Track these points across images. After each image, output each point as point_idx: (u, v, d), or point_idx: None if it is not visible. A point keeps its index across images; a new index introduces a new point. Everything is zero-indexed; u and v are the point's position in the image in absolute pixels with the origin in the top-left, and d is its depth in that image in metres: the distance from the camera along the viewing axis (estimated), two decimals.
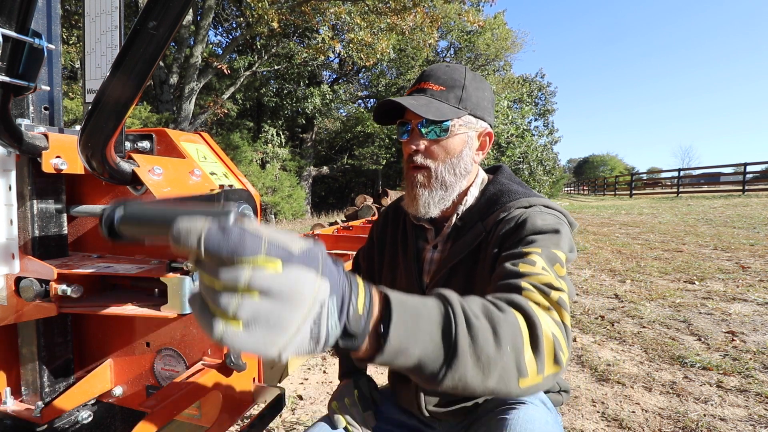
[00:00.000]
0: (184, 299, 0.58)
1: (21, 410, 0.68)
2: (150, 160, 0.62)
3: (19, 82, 0.55)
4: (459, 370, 0.53)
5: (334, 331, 0.44)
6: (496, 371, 0.55)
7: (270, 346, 0.39)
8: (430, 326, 0.53)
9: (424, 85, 0.95)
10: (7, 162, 0.63)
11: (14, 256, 0.63)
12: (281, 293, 0.38)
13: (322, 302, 0.42)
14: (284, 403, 0.76)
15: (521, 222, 0.86)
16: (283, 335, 0.39)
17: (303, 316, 0.40)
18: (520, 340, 0.59)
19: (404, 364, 0.51)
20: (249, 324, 0.37)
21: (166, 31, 0.44)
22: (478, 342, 0.54)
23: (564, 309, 0.67)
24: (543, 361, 0.60)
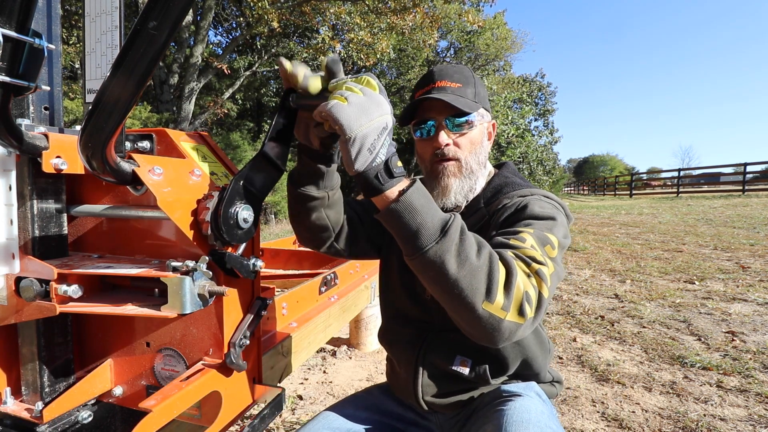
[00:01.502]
0: (184, 299, 0.58)
1: (21, 410, 0.68)
2: (150, 160, 0.62)
3: (20, 82, 0.55)
4: (442, 248, 0.66)
5: (382, 156, 0.66)
6: (469, 272, 0.67)
7: (356, 122, 0.62)
8: (435, 211, 0.69)
9: (441, 84, 0.99)
10: (7, 162, 0.63)
11: (14, 256, 0.63)
12: (374, 98, 0.65)
13: (387, 123, 0.66)
14: (284, 403, 0.76)
15: (521, 207, 0.91)
16: (366, 119, 0.63)
17: (378, 116, 0.65)
18: (496, 271, 0.68)
19: (408, 222, 0.67)
20: (352, 103, 0.62)
21: (167, 32, 0.44)
22: (464, 243, 0.68)
23: (543, 280, 0.73)
24: (510, 303, 0.68)
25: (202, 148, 0.76)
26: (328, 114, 0.63)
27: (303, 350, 1.45)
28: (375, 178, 0.66)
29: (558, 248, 0.83)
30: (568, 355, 2.70)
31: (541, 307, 0.72)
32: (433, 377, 1.00)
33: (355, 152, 0.64)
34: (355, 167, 0.65)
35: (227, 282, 0.68)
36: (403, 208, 0.67)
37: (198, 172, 0.69)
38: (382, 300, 1.16)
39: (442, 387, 1.00)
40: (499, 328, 0.68)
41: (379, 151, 0.65)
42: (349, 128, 0.62)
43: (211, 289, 0.62)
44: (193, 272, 0.60)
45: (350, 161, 0.65)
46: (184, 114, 11.87)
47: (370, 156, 0.65)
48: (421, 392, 1.00)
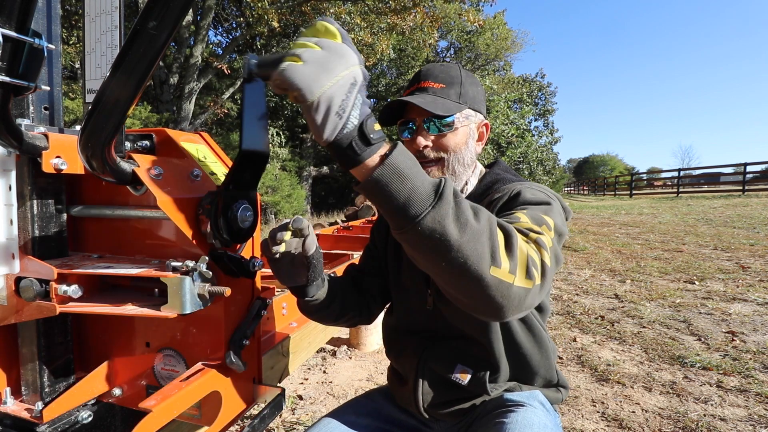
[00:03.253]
0: (184, 299, 0.58)
1: (21, 410, 0.68)
2: (150, 160, 0.62)
3: (20, 82, 0.55)
4: (440, 212, 0.58)
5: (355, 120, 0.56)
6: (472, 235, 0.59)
7: (316, 83, 0.52)
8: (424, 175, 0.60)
9: (424, 84, 0.99)
10: (7, 162, 0.63)
11: (14, 256, 0.63)
12: (335, 49, 0.54)
13: (356, 78, 0.56)
14: (284, 403, 0.76)
15: (514, 195, 0.90)
16: (327, 78, 0.53)
17: (344, 71, 0.54)
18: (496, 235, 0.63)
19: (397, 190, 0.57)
20: (307, 61, 0.52)
21: (167, 32, 0.44)
22: (460, 206, 0.60)
23: (543, 247, 0.69)
24: (516, 265, 0.62)
25: (202, 147, 0.76)
26: (281, 80, 0.53)
27: (303, 350, 1.45)
28: (349, 147, 0.56)
29: (554, 231, 0.78)
30: (568, 355, 2.70)
31: (546, 273, 0.67)
32: (433, 385, 0.99)
33: (321, 118, 0.54)
34: (324, 136, 0.55)
35: (227, 282, 0.68)
36: (387, 175, 0.57)
37: (197, 172, 0.69)
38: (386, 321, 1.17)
39: (443, 395, 0.99)
40: (509, 294, 0.62)
41: (350, 114, 0.55)
42: (309, 91, 0.52)
43: (211, 289, 0.62)
44: (193, 272, 0.60)
45: (317, 130, 0.55)
46: (184, 114, 11.87)
47: (340, 121, 0.55)
48: (421, 401, 0.99)
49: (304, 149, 19.24)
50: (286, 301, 1.47)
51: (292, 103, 0.62)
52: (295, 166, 17.36)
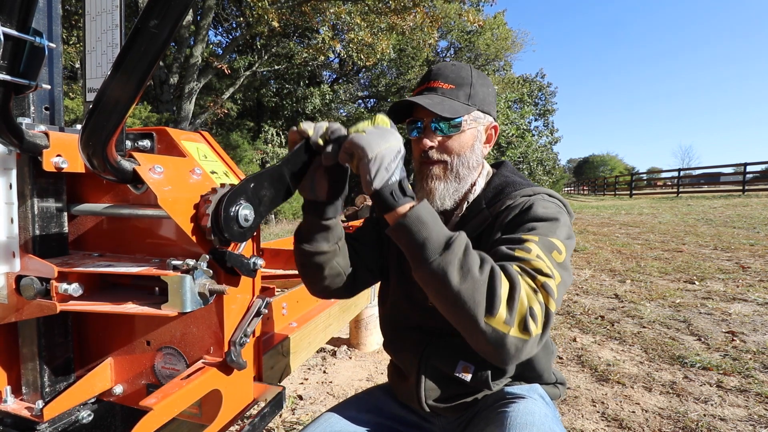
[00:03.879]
0: (184, 297, 0.59)
1: (21, 409, 0.68)
2: (151, 159, 0.62)
3: (21, 81, 0.55)
4: (446, 260, 0.71)
5: (397, 176, 0.74)
6: (472, 285, 0.70)
7: (374, 145, 0.71)
8: (441, 228, 0.75)
9: (434, 84, 0.98)
10: (7, 160, 0.63)
11: (15, 255, 0.63)
12: (387, 129, 0.75)
13: (400, 149, 0.75)
14: (285, 401, 0.76)
15: (525, 208, 0.90)
16: (382, 143, 0.72)
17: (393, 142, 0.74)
18: (499, 285, 0.70)
19: (417, 235, 0.73)
20: (368, 133, 0.73)
21: (168, 30, 0.44)
22: (467, 258, 0.72)
23: (549, 294, 0.74)
24: (513, 318, 0.70)
25: (203, 146, 0.76)
26: (350, 142, 0.72)
27: (303, 350, 1.45)
28: (390, 194, 0.73)
29: (565, 252, 0.83)
30: (568, 355, 2.70)
31: (548, 323, 0.73)
32: (436, 381, 0.99)
33: (375, 170, 0.71)
34: (373, 185, 0.72)
35: (227, 281, 0.68)
36: (411, 221, 0.73)
37: (198, 171, 0.69)
38: (383, 315, 1.16)
39: (445, 391, 0.99)
40: (504, 343, 0.69)
41: (394, 171, 0.74)
42: (370, 149, 0.71)
43: (211, 288, 0.62)
44: (193, 271, 0.60)
45: (370, 180, 0.72)
46: (184, 114, 11.87)
47: (387, 174, 0.72)
48: (423, 396, 0.99)
49: None
50: (286, 301, 1.47)
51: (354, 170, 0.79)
52: None
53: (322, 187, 0.86)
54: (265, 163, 15.67)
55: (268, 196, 0.71)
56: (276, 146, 16.44)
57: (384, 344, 1.16)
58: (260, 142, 16.03)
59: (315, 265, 0.96)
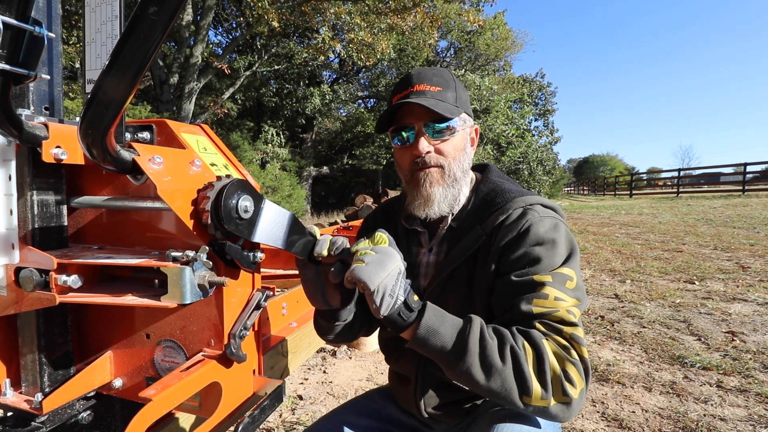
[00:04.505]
0: (184, 289, 0.58)
1: (21, 401, 0.68)
2: (150, 150, 0.62)
3: (20, 71, 0.54)
4: (466, 363, 0.73)
5: (402, 298, 0.75)
6: (499, 378, 0.72)
7: (375, 276, 0.71)
8: (452, 328, 0.76)
9: (419, 87, 0.94)
10: (7, 152, 0.62)
11: (14, 246, 0.63)
12: (386, 252, 0.75)
13: (400, 269, 0.75)
14: (284, 394, 0.76)
15: (523, 232, 0.87)
16: (382, 272, 0.72)
17: (393, 268, 0.74)
18: (525, 365, 0.72)
19: (433, 346, 0.75)
20: (368, 263, 0.72)
21: (167, 17, 0.44)
22: (486, 351, 0.73)
23: (579, 343, 0.77)
24: (549, 389, 0.72)
25: (203, 139, 0.76)
26: (352, 276, 0.73)
27: (303, 350, 1.44)
28: (398, 316, 0.75)
29: (575, 275, 0.85)
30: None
31: (587, 373, 0.75)
32: (435, 388, 0.99)
33: (379, 300, 0.73)
34: (381, 313, 0.74)
35: (227, 273, 0.68)
36: (423, 336, 0.75)
37: (198, 163, 0.68)
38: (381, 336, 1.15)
39: (443, 398, 0.99)
40: (549, 413, 0.73)
41: (398, 295, 0.74)
42: (371, 282, 0.71)
43: (211, 280, 0.61)
44: (193, 262, 0.60)
45: (376, 308, 0.74)
46: (184, 114, 11.86)
47: (392, 300, 0.74)
48: (422, 403, 0.99)
49: (304, 149, 19.23)
50: (286, 301, 1.47)
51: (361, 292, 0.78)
52: (295, 166, 17.36)
53: (334, 297, 0.86)
54: (265, 163, 15.66)
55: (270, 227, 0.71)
56: (276, 146, 16.43)
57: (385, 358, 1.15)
58: (260, 142, 16.03)
59: (331, 332, 0.99)
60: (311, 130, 19.47)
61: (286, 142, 17.50)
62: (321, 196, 21.67)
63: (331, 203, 20.46)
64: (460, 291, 0.94)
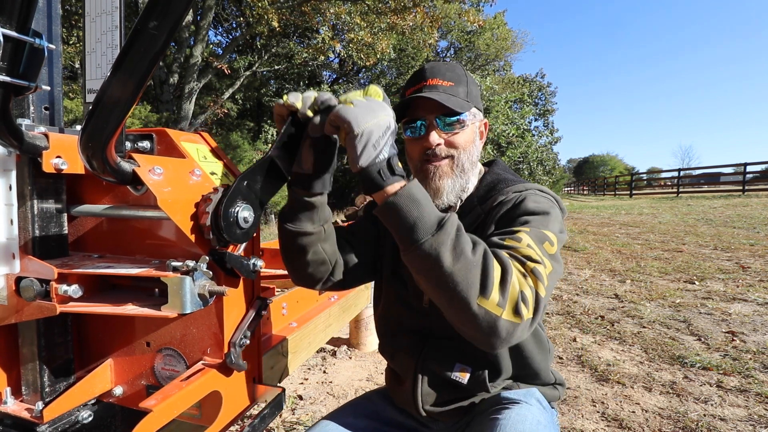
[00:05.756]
0: (184, 299, 0.58)
1: (21, 410, 0.68)
2: (150, 160, 0.62)
3: (20, 82, 0.55)
4: (438, 240, 0.68)
5: (385, 154, 0.70)
6: (465, 266, 0.68)
7: (362, 119, 0.67)
8: (432, 207, 0.72)
9: (432, 82, 0.97)
10: (7, 162, 0.63)
11: (14, 256, 0.63)
12: (378, 102, 0.72)
13: (390, 123, 0.71)
14: (284, 402, 0.76)
15: (518, 202, 0.91)
16: (370, 118, 0.68)
17: (383, 116, 0.70)
18: (491, 268, 0.69)
19: (406, 215, 0.69)
20: (356, 105, 0.69)
21: (167, 31, 0.44)
22: (459, 239, 0.70)
23: (539, 279, 0.74)
24: (505, 300, 0.69)
25: (202, 148, 0.76)
26: (336, 115, 0.67)
27: (303, 350, 1.45)
28: (378, 173, 0.69)
29: (557, 244, 0.83)
30: (568, 355, 2.70)
31: (539, 307, 0.72)
32: (433, 385, 0.99)
33: (361, 147, 0.68)
34: (359, 162, 0.68)
35: (227, 282, 0.68)
36: (401, 201, 0.69)
37: (198, 172, 0.69)
38: (378, 317, 1.14)
39: (442, 395, 0.99)
40: (496, 326, 0.68)
41: (382, 149, 0.69)
42: (357, 124, 0.67)
43: (211, 289, 0.62)
44: (193, 272, 0.60)
45: (356, 157, 0.68)
46: (184, 114, 11.87)
47: (375, 152, 0.68)
48: (420, 401, 0.99)
49: None
50: (286, 301, 1.47)
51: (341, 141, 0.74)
52: None
53: (308, 159, 0.79)
54: None
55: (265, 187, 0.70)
56: None
57: (380, 348, 1.16)
58: (260, 142, 16.02)
59: (298, 248, 0.88)
60: None
61: None
62: None
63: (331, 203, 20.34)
64: None
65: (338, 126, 0.70)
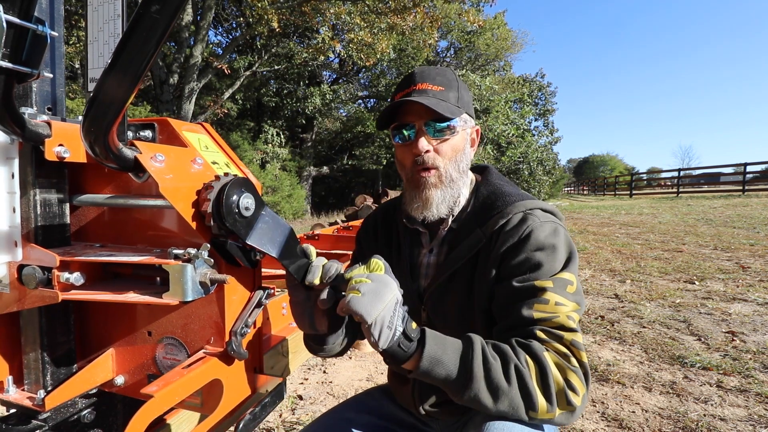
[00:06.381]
0: (186, 286, 0.59)
1: (23, 398, 0.68)
2: (152, 148, 0.62)
3: (23, 69, 0.55)
4: (473, 390, 0.73)
5: (400, 328, 0.72)
6: (506, 399, 0.73)
7: (372, 308, 0.68)
8: (454, 354, 0.76)
9: (422, 86, 0.94)
10: (10, 150, 0.63)
11: (17, 244, 0.63)
12: (382, 280, 0.72)
13: (397, 299, 0.73)
14: (285, 392, 0.76)
15: (524, 237, 0.88)
16: (380, 304, 0.69)
17: (390, 298, 0.71)
18: (529, 381, 0.74)
19: (437, 376, 0.74)
20: (364, 293, 0.69)
21: (169, 16, 0.44)
22: (491, 374, 0.74)
23: (578, 349, 0.78)
24: (553, 402, 0.74)
25: (204, 138, 0.76)
26: (348, 308, 0.70)
27: (303, 350, 1.44)
28: (399, 348, 0.73)
29: (575, 280, 0.86)
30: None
31: (587, 378, 0.77)
32: (431, 387, 0.98)
33: (378, 333, 0.70)
34: (380, 346, 0.72)
35: (228, 270, 0.68)
36: (426, 367, 0.74)
37: (200, 161, 0.69)
38: None
39: (440, 396, 0.99)
40: (555, 422, 0.75)
41: (396, 326, 0.72)
42: (369, 315, 0.69)
43: (212, 277, 0.62)
44: (194, 260, 0.60)
45: (375, 342, 0.71)
46: (184, 114, 11.87)
47: (390, 332, 0.71)
48: (420, 402, 0.99)
49: (304, 149, 19.24)
50: (286, 301, 1.47)
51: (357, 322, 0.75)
52: (295, 166, 17.37)
53: (322, 323, 0.82)
54: (265, 163, 15.67)
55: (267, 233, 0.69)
56: (276, 146, 16.44)
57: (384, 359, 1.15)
58: (260, 142, 16.04)
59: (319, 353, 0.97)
60: (311, 130, 19.48)
61: (286, 142, 17.51)
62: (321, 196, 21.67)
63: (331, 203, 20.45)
64: (460, 293, 0.94)
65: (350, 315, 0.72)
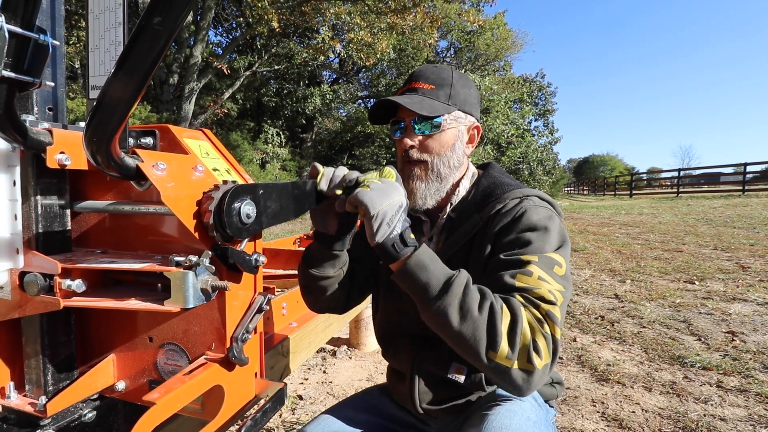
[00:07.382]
0: (187, 293, 0.59)
1: (25, 404, 0.68)
2: (153, 156, 0.62)
3: (25, 78, 0.55)
4: (445, 302, 0.75)
5: (398, 229, 0.78)
6: (472, 325, 0.74)
7: (377, 202, 0.76)
8: (441, 269, 0.79)
9: (414, 85, 1.00)
10: (11, 157, 0.63)
11: (18, 251, 0.64)
12: (391, 184, 0.81)
13: (402, 203, 0.80)
14: (286, 397, 0.77)
15: (518, 216, 0.91)
16: (384, 200, 0.77)
17: (396, 198, 0.79)
18: (499, 321, 0.74)
19: (418, 280, 0.77)
20: (372, 188, 0.78)
21: (171, 27, 0.44)
22: (466, 297, 0.75)
23: (554, 322, 0.77)
24: (515, 352, 0.73)
25: (205, 144, 0.77)
26: (355, 198, 0.77)
27: (303, 350, 1.45)
28: (392, 246, 0.78)
29: (564, 263, 0.86)
30: (568, 355, 2.71)
31: (555, 352, 0.76)
32: (430, 385, 1.00)
33: (377, 226, 0.76)
34: (375, 239, 0.77)
35: (229, 277, 0.68)
36: (411, 268, 0.77)
37: (201, 168, 0.69)
38: (376, 323, 1.17)
39: (439, 394, 1.00)
40: (509, 376, 0.73)
41: (395, 225, 0.78)
42: (372, 206, 0.76)
43: (213, 284, 0.62)
44: (196, 267, 0.60)
45: (372, 234, 0.77)
46: (184, 114, 11.88)
47: (389, 229, 0.77)
48: (417, 399, 1.00)
49: (304, 149, 19.23)
50: (286, 301, 1.47)
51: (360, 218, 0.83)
52: (295, 166, 17.35)
53: (332, 224, 0.91)
54: (265, 163, 15.67)
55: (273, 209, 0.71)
56: (276, 146, 16.43)
57: (382, 352, 1.17)
58: (260, 142, 16.03)
59: (319, 288, 1.00)
60: (311, 130, 19.47)
61: (286, 142, 17.51)
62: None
63: None
64: None
65: (356, 206, 0.79)
